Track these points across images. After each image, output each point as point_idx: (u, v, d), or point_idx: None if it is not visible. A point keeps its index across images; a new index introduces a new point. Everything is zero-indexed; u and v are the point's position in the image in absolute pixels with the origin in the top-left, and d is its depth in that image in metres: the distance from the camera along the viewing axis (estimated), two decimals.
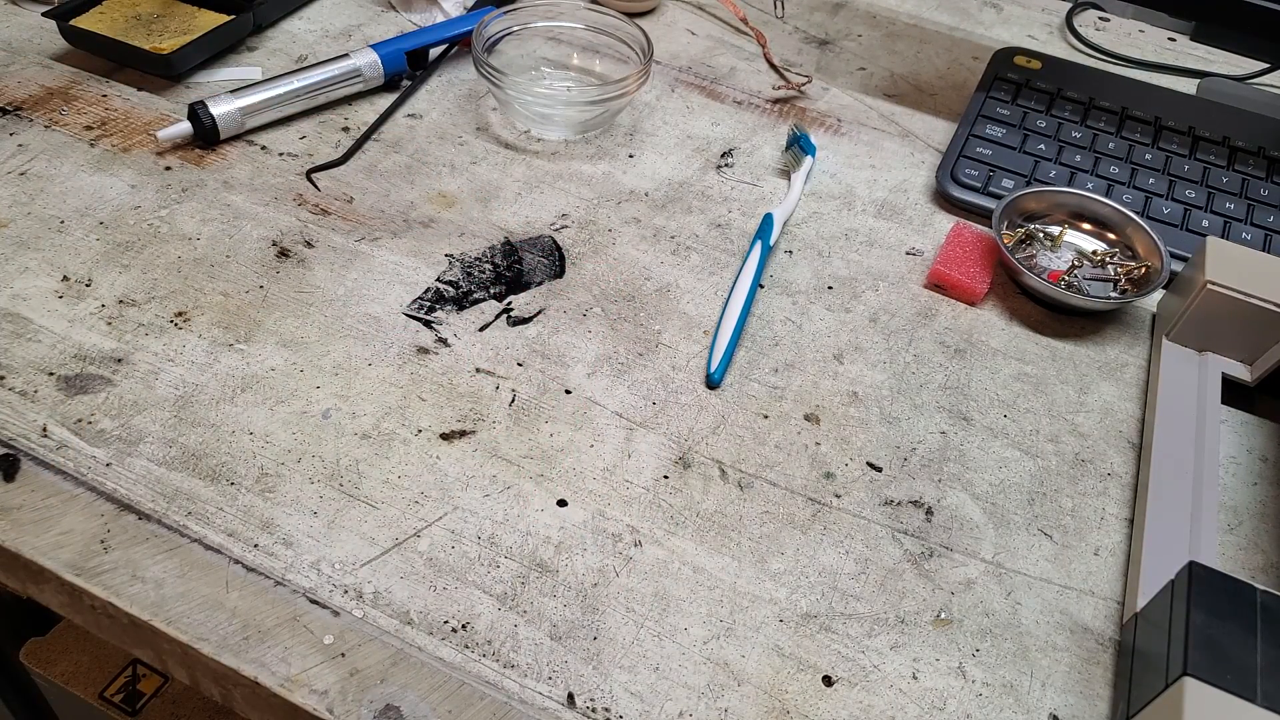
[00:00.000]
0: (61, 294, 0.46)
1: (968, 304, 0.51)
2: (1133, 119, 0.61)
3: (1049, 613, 0.39)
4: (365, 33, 0.65)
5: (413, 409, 0.43)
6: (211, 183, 0.53)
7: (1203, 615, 0.32)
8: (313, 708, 0.33)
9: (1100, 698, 0.36)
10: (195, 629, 0.35)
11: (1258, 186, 0.57)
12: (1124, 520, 0.42)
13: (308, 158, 0.55)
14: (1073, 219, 0.54)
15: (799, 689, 0.35)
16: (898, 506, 0.42)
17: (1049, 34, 0.75)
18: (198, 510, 0.38)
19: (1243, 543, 0.42)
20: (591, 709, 0.34)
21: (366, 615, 0.36)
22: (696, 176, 0.57)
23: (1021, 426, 0.45)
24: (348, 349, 0.45)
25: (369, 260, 0.49)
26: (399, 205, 0.53)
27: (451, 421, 0.42)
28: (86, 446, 0.40)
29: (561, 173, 0.56)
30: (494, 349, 0.46)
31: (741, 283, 0.49)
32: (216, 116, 0.54)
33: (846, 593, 0.38)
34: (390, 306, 0.47)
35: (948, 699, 0.36)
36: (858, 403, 0.46)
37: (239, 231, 0.50)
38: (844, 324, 0.49)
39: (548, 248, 0.52)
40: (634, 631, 0.36)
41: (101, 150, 0.54)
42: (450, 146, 0.57)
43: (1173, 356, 0.48)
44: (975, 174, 0.57)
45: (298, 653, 0.34)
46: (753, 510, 0.41)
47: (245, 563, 0.37)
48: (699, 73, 0.66)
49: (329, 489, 0.39)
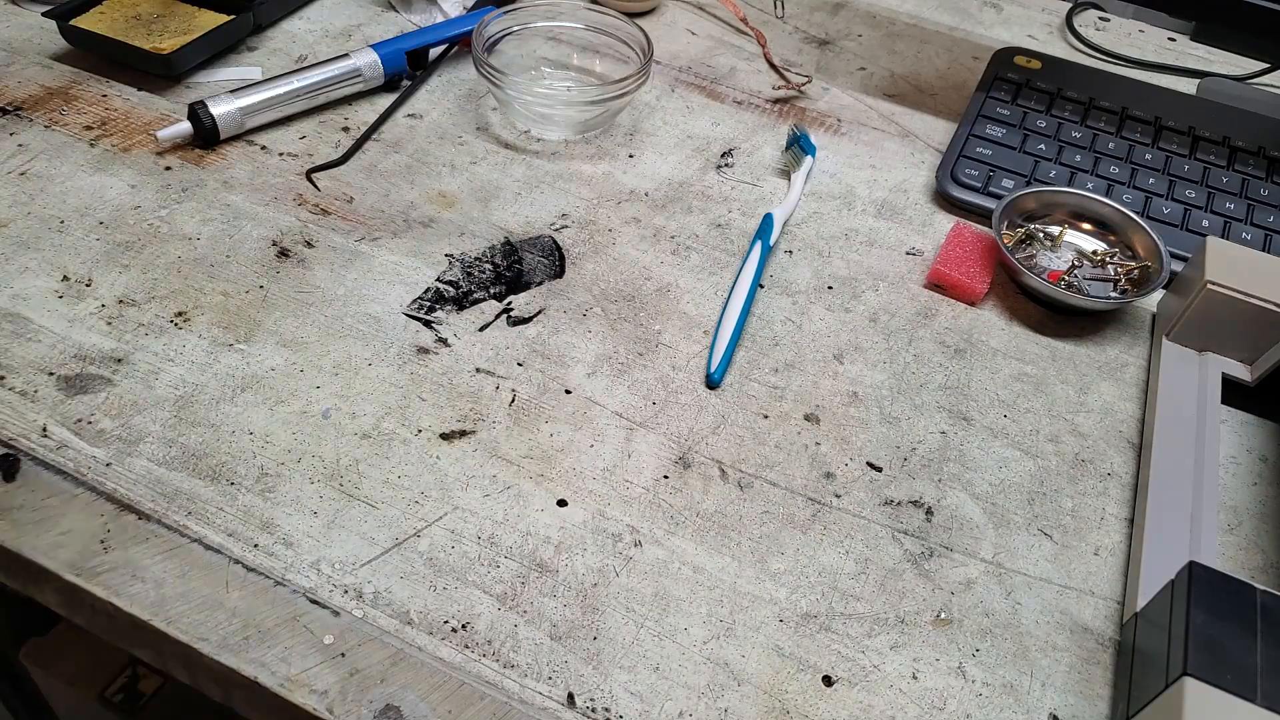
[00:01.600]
0: (61, 294, 0.46)
1: (968, 304, 0.51)
2: (1133, 119, 0.61)
3: (1049, 613, 0.39)
4: (365, 33, 0.65)
5: (412, 409, 0.43)
6: (211, 183, 0.53)
7: (1203, 615, 0.32)
8: (313, 708, 0.33)
9: (1100, 698, 0.36)
10: (195, 629, 0.35)
11: (1258, 186, 0.57)
12: (1124, 520, 0.42)
13: (308, 158, 0.55)
14: (1073, 219, 0.54)
15: (799, 689, 0.35)
16: (898, 506, 0.42)
17: (1049, 34, 0.75)
18: (198, 510, 0.38)
19: (1243, 543, 0.42)
20: (591, 709, 0.34)
21: (366, 615, 0.36)
22: (696, 176, 0.57)
23: (1021, 426, 0.45)
24: (348, 349, 0.45)
25: (369, 260, 0.49)
26: (399, 205, 0.53)
27: (451, 421, 0.42)
28: (86, 446, 0.40)
29: (561, 173, 0.56)
30: (494, 349, 0.46)
31: (741, 282, 0.49)
32: (216, 116, 0.54)
33: (846, 593, 0.38)
34: (390, 306, 0.47)
35: (948, 699, 0.36)
36: (858, 403, 0.46)
37: (239, 231, 0.50)
38: (844, 324, 0.49)
39: (548, 248, 0.52)
40: (634, 631, 0.36)
41: (101, 150, 0.54)
42: (450, 146, 0.57)
43: (1173, 356, 0.48)
44: (975, 174, 0.57)
45: (298, 653, 0.34)
46: (753, 510, 0.41)
47: (245, 563, 0.37)
48: (699, 73, 0.66)
49: (329, 489, 0.39)
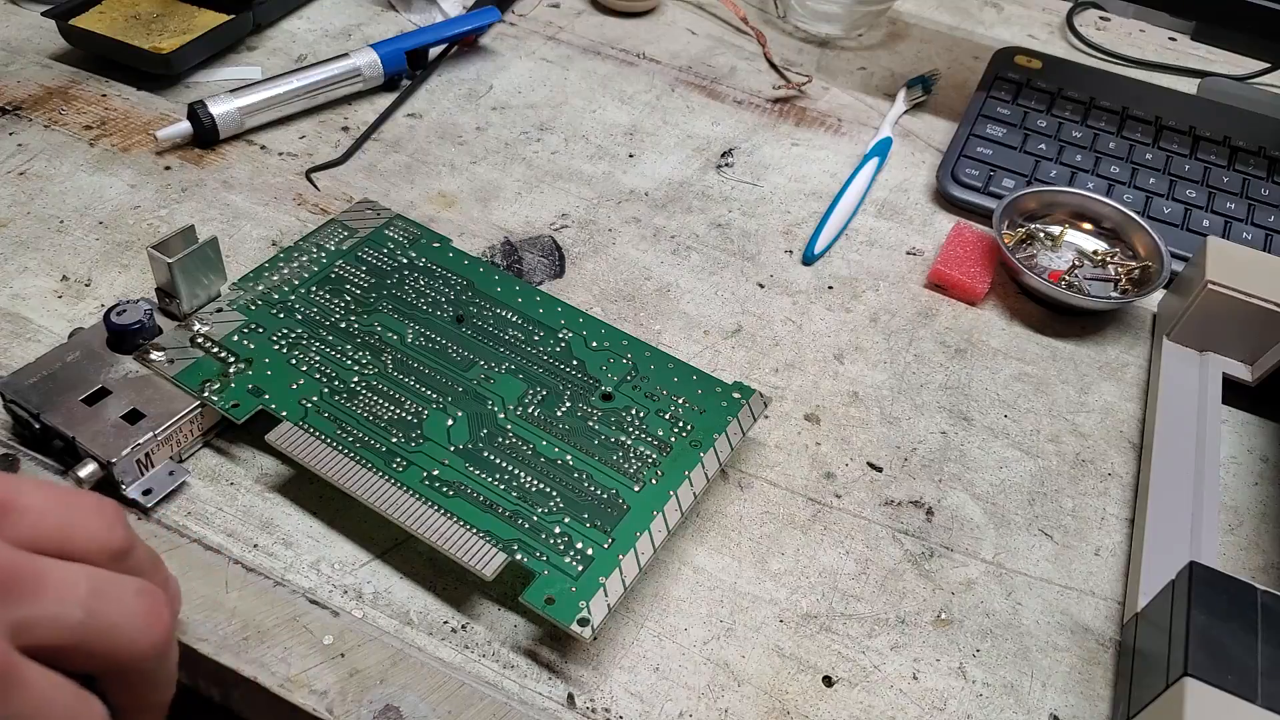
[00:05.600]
0: (61, 294, 0.46)
1: (968, 304, 0.51)
2: (1133, 119, 0.61)
3: (1049, 613, 0.39)
4: (365, 32, 0.65)
5: None
6: (211, 182, 0.53)
7: (1203, 615, 0.32)
8: (312, 708, 0.33)
9: (1101, 698, 0.36)
10: (195, 629, 0.34)
11: (1258, 186, 0.57)
12: (1124, 520, 0.42)
13: (307, 157, 0.55)
14: (1073, 219, 0.54)
15: (799, 689, 0.35)
16: (898, 506, 0.42)
17: (1049, 34, 0.75)
18: (197, 510, 0.38)
19: (1243, 543, 0.42)
20: (591, 709, 0.34)
21: (366, 615, 0.36)
22: (696, 176, 0.57)
23: (1022, 426, 0.45)
24: None
25: None
26: (399, 205, 0.53)
27: None
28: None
29: (561, 172, 0.56)
30: None
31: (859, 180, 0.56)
32: (216, 116, 0.54)
33: (847, 593, 0.38)
34: None
35: (948, 699, 0.36)
36: (858, 403, 0.46)
37: (239, 231, 0.50)
38: (844, 324, 0.49)
39: (548, 247, 0.52)
40: (634, 631, 0.36)
41: (101, 150, 0.53)
42: (450, 146, 0.57)
43: (1173, 356, 0.48)
44: (976, 174, 0.57)
45: (297, 653, 0.34)
46: (753, 510, 0.41)
47: (245, 563, 0.37)
48: (699, 72, 0.66)
49: (329, 488, 0.39)
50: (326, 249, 0.46)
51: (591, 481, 0.38)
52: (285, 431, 0.38)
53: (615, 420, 0.40)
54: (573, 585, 0.34)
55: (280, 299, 0.43)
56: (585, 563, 0.35)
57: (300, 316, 0.43)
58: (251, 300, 0.43)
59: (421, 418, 0.39)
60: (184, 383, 0.39)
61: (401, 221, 0.48)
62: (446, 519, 0.36)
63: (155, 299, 0.42)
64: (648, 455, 0.39)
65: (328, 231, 0.47)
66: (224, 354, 0.40)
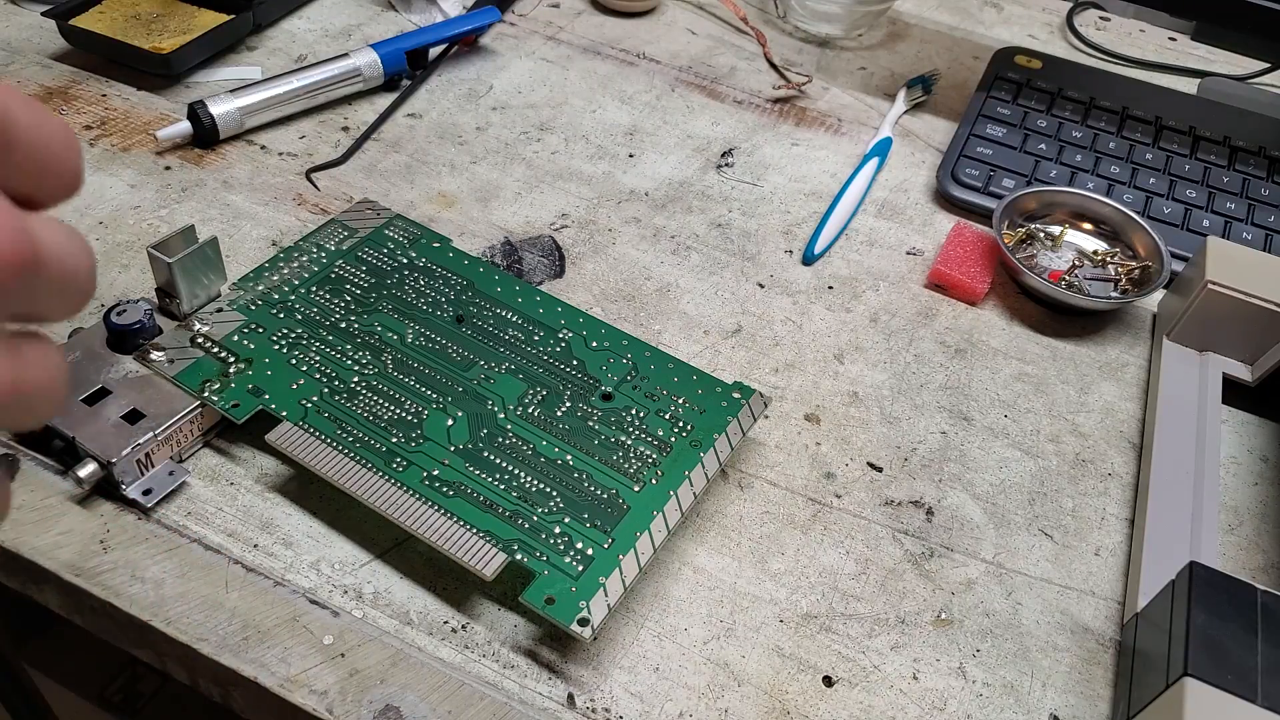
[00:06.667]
0: None
1: (968, 304, 0.51)
2: (1133, 119, 0.61)
3: (1049, 613, 0.39)
4: (365, 32, 0.65)
5: None
6: (211, 182, 0.53)
7: (1203, 615, 0.32)
8: (312, 708, 0.33)
9: (1101, 698, 0.36)
10: (195, 629, 0.34)
11: (1258, 186, 0.57)
12: (1124, 520, 0.42)
13: (307, 157, 0.55)
14: (1073, 219, 0.54)
15: (799, 689, 0.35)
16: (898, 506, 0.42)
17: (1049, 34, 0.75)
18: (197, 510, 0.38)
19: (1243, 543, 0.42)
20: (591, 709, 0.34)
21: (366, 615, 0.36)
22: (696, 176, 0.57)
23: (1022, 426, 0.45)
24: None
25: None
26: (399, 205, 0.53)
27: None
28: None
29: (561, 172, 0.56)
30: None
31: (857, 183, 0.56)
32: (216, 116, 0.54)
33: (847, 593, 0.38)
34: None
35: (948, 699, 0.36)
36: (858, 403, 0.46)
37: (239, 231, 0.50)
38: (844, 324, 0.49)
39: (548, 248, 0.52)
40: (634, 632, 0.36)
41: (101, 150, 0.53)
42: (450, 146, 0.57)
43: (1173, 356, 0.48)
44: (976, 174, 0.57)
45: (297, 653, 0.34)
46: (753, 510, 0.41)
47: (245, 563, 0.37)
48: (699, 72, 0.66)
49: (329, 488, 0.39)
50: (326, 249, 0.46)
51: (591, 481, 0.38)
52: (285, 431, 0.38)
53: (615, 420, 0.40)
54: (573, 585, 0.34)
55: (280, 299, 0.43)
56: (585, 563, 0.35)
57: (300, 316, 0.43)
58: (251, 300, 0.43)
59: (421, 418, 0.39)
60: (184, 383, 0.39)
61: (401, 221, 0.48)
62: (446, 519, 0.36)
63: (155, 299, 0.42)
64: (648, 455, 0.39)
65: (328, 231, 0.47)
66: (224, 354, 0.41)
